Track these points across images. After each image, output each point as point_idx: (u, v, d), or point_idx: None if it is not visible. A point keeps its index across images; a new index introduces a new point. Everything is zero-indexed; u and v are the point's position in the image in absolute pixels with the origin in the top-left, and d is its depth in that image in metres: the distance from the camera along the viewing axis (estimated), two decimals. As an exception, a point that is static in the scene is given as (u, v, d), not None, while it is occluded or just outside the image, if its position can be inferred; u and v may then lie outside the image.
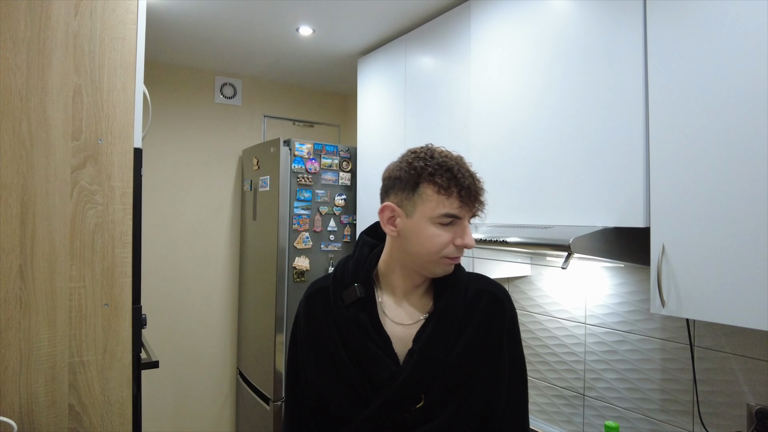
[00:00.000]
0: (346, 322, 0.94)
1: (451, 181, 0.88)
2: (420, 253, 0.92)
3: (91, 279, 1.30)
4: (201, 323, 3.10)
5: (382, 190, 0.97)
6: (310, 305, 1.01)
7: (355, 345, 0.92)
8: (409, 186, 0.90)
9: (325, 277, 1.05)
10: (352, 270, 0.98)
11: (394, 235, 0.94)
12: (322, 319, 0.97)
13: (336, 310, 0.96)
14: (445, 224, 0.89)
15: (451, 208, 0.88)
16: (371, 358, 0.91)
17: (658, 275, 1.26)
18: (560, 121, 1.55)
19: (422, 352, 0.91)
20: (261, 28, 2.41)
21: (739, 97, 1.13)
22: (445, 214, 0.88)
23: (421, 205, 0.89)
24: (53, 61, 1.26)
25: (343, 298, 0.96)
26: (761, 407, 1.34)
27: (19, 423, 1.20)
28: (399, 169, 0.93)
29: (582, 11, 1.49)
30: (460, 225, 0.91)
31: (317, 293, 1.01)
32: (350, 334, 0.93)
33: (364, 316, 0.94)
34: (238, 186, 3.23)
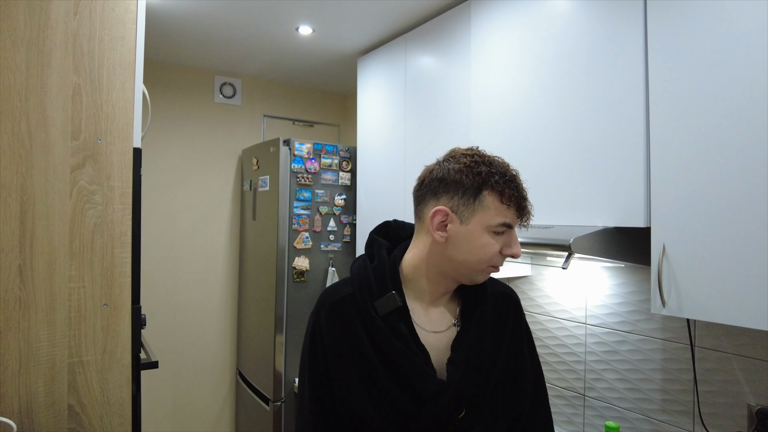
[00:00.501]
0: (383, 334, 0.87)
1: (514, 191, 0.87)
2: (469, 261, 0.88)
3: (91, 279, 1.30)
4: (200, 323, 3.10)
5: (429, 192, 0.90)
6: (335, 316, 0.91)
7: (397, 358, 0.86)
8: (471, 191, 0.86)
9: (341, 284, 0.96)
10: (377, 276, 0.91)
11: (442, 240, 0.88)
12: (350, 330, 0.89)
13: (370, 321, 0.88)
14: (499, 233, 0.87)
15: (508, 218, 0.87)
16: (416, 372, 0.85)
17: (659, 275, 1.26)
18: (561, 121, 1.55)
19: (468, 362, 0.88)
20: (261, 28, 2.41)
21: (739, 97, 1.12)
22: (503, 224, 0.86)
23: (481, 212, 0.86)
24: (52, 61, 1.26)
25: (375, 308, 0.88)
26: (762, 407, 1.33)
27: (18, 423, 1.20)
28: (459, 172, 0.87)
29: (582, 11, 1.49)
30: (510, 234, 0.89)
31: (342, 303, 0.92)
32: (390, 346, 0.86)
33: (402, 327, 0.88)
34: (237, 186, 3.23)
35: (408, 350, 0.86)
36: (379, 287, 0.90)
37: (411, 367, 0.85)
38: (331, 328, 0.91)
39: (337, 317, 0.91)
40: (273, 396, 2.59)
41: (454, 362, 0.88)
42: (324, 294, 0.96)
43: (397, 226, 1.02)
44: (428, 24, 2.17)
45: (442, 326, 0.93)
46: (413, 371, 0.85)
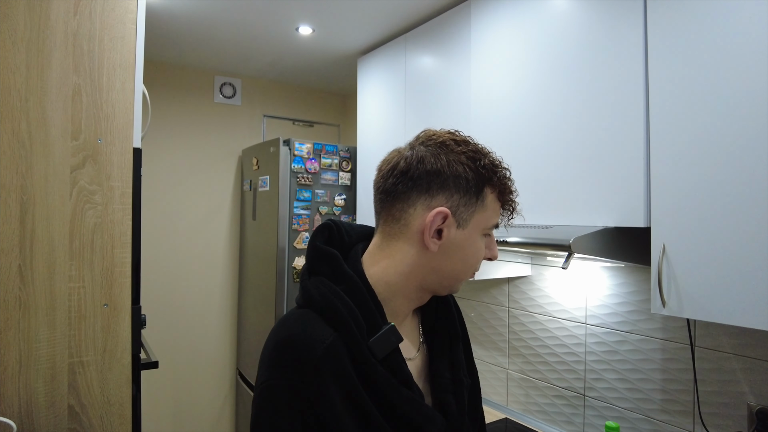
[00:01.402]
0: (389, 385, 0.67)
1: (512, 188, 0.76)
2: (458, 270, 0.74)
3: (91, 279, 1.30)
4: (200, 323, 3.10)
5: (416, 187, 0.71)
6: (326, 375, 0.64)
7: (408, 409, 0.68)
8: (474, 189, 0.72)
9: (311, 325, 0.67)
10: (357, 304, 0.69)
11: (435, 249, 0.71)
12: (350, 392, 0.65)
13: (370, 371, 0.66)
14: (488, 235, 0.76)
15: (499, 217, 0.76)
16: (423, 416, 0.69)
17: (659, 275, 1.26)
18: (561, 121, 1.55)
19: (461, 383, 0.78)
20: (260, 28, 2.41)
21: (739, 96, 1.12)
22: (496, 225, 0.76)
23: (481, 212, 0.73)
24: (52, 61, 1.26)
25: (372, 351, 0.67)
26: (762, 407, 1.33)
27: (18, 423, 1.20)
28: (460, 164, 0.71)
29: (582, 11, 1.49)
30: (491, 235, 0.78)
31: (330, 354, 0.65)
32: (399, 398, 0.67)
33: (406, 368, 0.70)
34: (237, 186, 3.23)
35: (413, 393, 0.69)
36: (366, 320, 0.68)
37: (419, 413, 0.69)
38: (326, 395, 0.63)
39: (329, 376, 0.64)
40: (273, 396, 2.59)
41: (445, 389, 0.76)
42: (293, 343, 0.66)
43: (340, 229, 0.79)
44: (428, 24, 2.17)
45: (413, 349, 0.79)
46: (421, 417, 0.69)
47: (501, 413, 2.08)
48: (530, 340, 2.01)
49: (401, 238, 0.73)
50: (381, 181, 0.75)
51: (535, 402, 2.00)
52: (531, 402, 2.02)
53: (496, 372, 2.17)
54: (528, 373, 2.03)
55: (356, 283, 0.70)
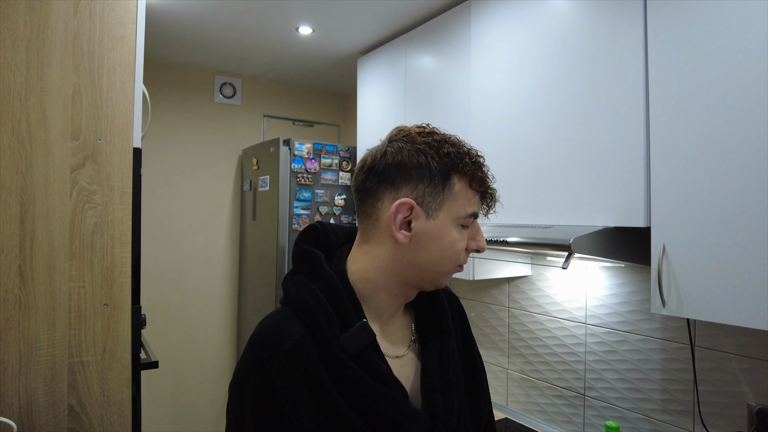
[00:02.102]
0: (359, 380, 0.67)
1: (484, 175, 0.74)
2: (436, 263, 0.73)
3: (91, 279, 1.30)
4: (201, 323, 3.10)
5: (382, 181, 0.72)
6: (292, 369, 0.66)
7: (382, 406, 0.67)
8: (438, 177, 0.71)
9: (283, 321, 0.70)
10: (332, 301, 0.70)
11: (406, 242, 0.71)
12: (317, 387, 0.66)
13: (339, 367, 0.67)
14: (465, 226, 0.74)
15: (476, 206, 0.74)
16: (402, 415, 0.68)
17: (659, 275, 1.26)
18: (561, 121, 1.55)
19: (450, 383, 0.75)
20: (260, 28, 2.41)
21: (739, 96, 1.12)
22: (472, 214, 0.73)
23: (450, 202, 0.71)
24: (52, 61, 1.26)
25: (343, 347, 0.68)
26: (762, 407, 1.33)
27: (18, 423, 1.20)
28: (421, 153, 0.71)
29: (582, 11, 1.49)
30: (474, 225, 0.76)
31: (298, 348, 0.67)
32: (371, 394, 0.67)
33: (382, 364, 0.70)
34: (237, 186, 3.23)
35: (390, 391, 0.68)
36: (340, 317, 0.69)
37: (397, 411, 0.68)
38: (289, 389, 0.65)
39: (295, 371, 0.66)
40: (273, 396, 2.59)
41: (433, 388, 0.74)
42: (263, 338, 0.69)
43: (327, 230, 0.81)
44: (428, 24, 2.17)
45: (403, 347, 0.78)
46: (400, 415, 0.68)
47: (501, 413, 2.08)
48: (530, 340, 2.01)
49: (376, 234, 0.74)
50: (354, 180, 0.77)
51: (535, 402, 2.00)
52: (531, 402, 2.02)
53: (496, 372, 2.17)
54: (528, 373, 2.03)
55: (333, 281, 0.72)
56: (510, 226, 1.64)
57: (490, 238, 1.53)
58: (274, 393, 0.66)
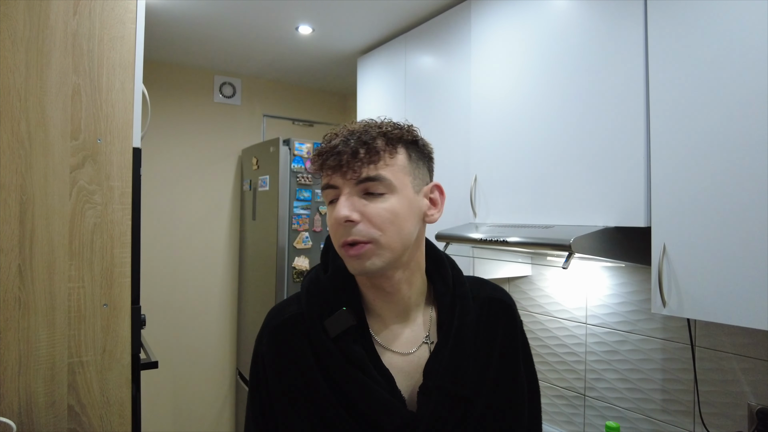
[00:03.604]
0: (334, 360, 0.71)
1: (321, 148, 0.75)
2: None
3: (90, 279, 1.30)
4: (200, 323, 3.09)
5: None
6: (278, 341, 0.76)
7: (351, 387, 0.71)
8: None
9: (288, 302, 0.80)
10: (331, 288, 0.76)
11: None
12: (297, 359, 0.74)
13: (319, 345, 0.73)
14: (331, 201, 0.74)
15: (324, 178, 0.74)
16: (376, 403, 0.70)
17: (659, 275, 1.26)
18: (561, 121, 1.55)
19: (443, 390, 0.72)
20: (260, 28, 2.41)
21: (739, 96, 1.12)
22: (323, 187, 0.74)
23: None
24: (52, 61, 1.26)
25: (326, 328, 0.73)
26: (762, 407, 1.33)
27: (18, 423, 1.20)
28: None
29: (583, 10, 1.49)
30: (334, 202, 0.73)
31: (286, 325, 0.76)
32: (342, 374, 0.71)
33: (357, 350, 0.72)
34: (237, 186, 3.23)
35: (366, 377, 0.70)
36: (334, 302, 0.75)
37: (370, 399, 0.70)
38: (274, 357, 0.75)
39: (282, 343, 0.75)
40: (273, 396, 2.59)
41: (426, 391, 0.72)
42: (268, 315, 0.80)
43: None
44: (428, 23, 2.17)
45: (411, 345, 0.77)
46: (371, 402, 0.70)
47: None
48: (531, 339, 2.00)
49: None
50: None
51: (536, 402, 2.00)
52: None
53: (496, 372, 2.16)
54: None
55: (337, 271, 0.77)
56: (510, 226, 1.64)
57: (489, 237, 1.53)
58: (264, 362, 0.77)
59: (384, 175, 0.71)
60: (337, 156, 0.71)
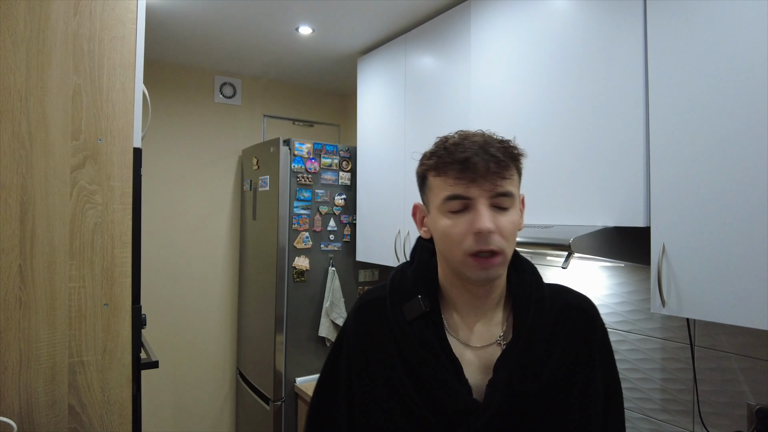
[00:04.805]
0: (408, 341, 0.80)
1: (444, 157, 0.77)
2: (446, 251, 0.79)
3: (91, 279, 1.30)
4: (201, 323, 3.10)
5: None
6: (362, 319, 0.88)
7: (422, 368, 0.77)
8: (420, 177, 0.84)
9: (380, 287, 0.91)
10: (412, 279, 0.86)
11: (428, 236, 0.85)
12: (377, 336, 0.84)
13: (396, 326, 0.82)
14: (456, 211, 0.76)
15: (453, 189, 0.75)
16: (442, 386, 0.76)
17: (659, 275, 1.26)
18: (561, 121, 1.55)
19: (510, 386, 0.75)
20: (260, 28, 2.41)
21: (739, 96, 1.12)
22: (448, 197, 0.76)
23: (430, 195, 0.81)
24: (52, 61, 1.26)
25: (403, 312, 0.82)
26: (762, 407, 1.33)
27: (18, 423, 1.20)
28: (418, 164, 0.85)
29: (582, 11, 1.49)
30: (473, 209, 0.75)
31: (370, 305, 0.88)
32: (415, 355, 0.79)
33: (430, 335, 0.79)
34: (237, 186, 3.23)
35: (435, 361, 0.77)
36: (413, 291, 0.84)
37: (435, 380, 0.76)
38: (356, 331, 0.87)
39: (366, 321, 0.87)
40: (273, 396, 2.59)
41: (493, 384, 0.76)
42: (358, 298, 0.94)
43: None
44: (428, 24, 2.17)
45: (484, 341, 0.82)
46: (438, 384, 0.76)
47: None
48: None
49: None
50: None
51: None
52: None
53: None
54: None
55: (420, 265, 0.87)
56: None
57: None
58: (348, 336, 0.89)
59: (512, 191, 0.78)
60: (473, 168, 0.74)
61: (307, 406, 2.46)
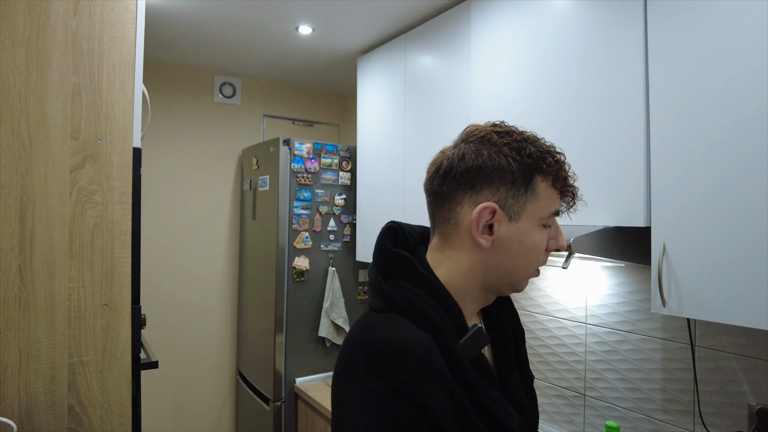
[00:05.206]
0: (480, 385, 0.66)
1: (565, 171, 0.73)
2: (518, 266, 0.72)
3: (91, 279, 1.30)
4: (200, 323, 3.09)
5: (462, 185, 0.71)
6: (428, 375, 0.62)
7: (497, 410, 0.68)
8: (522, 179, 0.70)
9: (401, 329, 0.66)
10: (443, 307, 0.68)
11: (489, 246, 0.70)
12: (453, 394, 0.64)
13: (462, 372, 0.65)
14: (547, 226, 0.73)
15: (558, 205, 0.73)
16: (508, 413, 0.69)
17: (659, 275, 1.26)
18: (561, 121, 1.55)
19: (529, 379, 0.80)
20: (260, 27, 2.41)
21: (739, 96, 1.12)
22: (554, 213, 0.73)
23: (533, 203, 0.70)
24: (52, 61, 1.26)
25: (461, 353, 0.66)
26: (762, 407, 1.33)
27: (18, 423, 1.20)
28: (502, 155, 0.70)
29: (583, 10, 1.49)
30: (554, 225, 0.75)
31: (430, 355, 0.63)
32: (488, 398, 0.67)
33: (493, 370, 0.70)
34: (237, 186, 3.23)
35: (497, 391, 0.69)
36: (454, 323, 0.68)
37: (505, 414, 0.68)
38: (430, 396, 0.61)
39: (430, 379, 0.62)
40: (273, 396, 2.59)
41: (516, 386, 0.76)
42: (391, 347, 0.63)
43: (404, 232, 0.78)
44: (428, 23, 2.17)
45: None
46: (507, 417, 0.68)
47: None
48: (530, 339, 2.00)
49: (455, 239, 0.73)
50: (428, 183, 0.75)
51: (535, 402, 2.00)
52: (531, 402, 2.02)
53: (496, 372, 2.16)
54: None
55: (436, 285, 0.69)
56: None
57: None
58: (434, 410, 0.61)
59: None
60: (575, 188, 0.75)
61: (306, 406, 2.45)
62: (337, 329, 2.69)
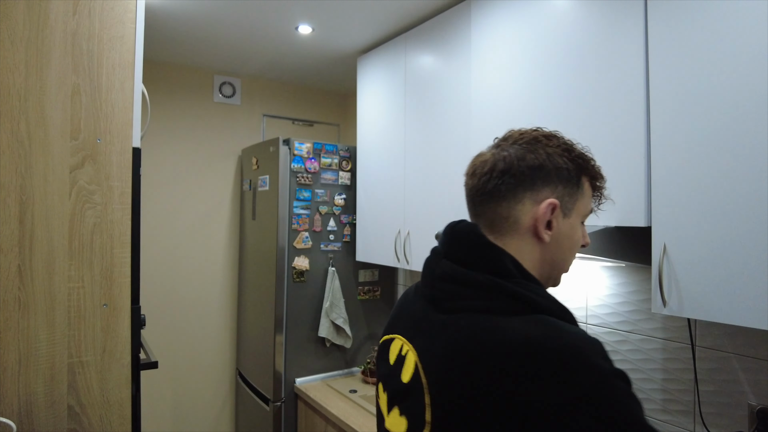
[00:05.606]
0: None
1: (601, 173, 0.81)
2: (566, 260, 0.78)
3: (90, 279, 1.29)
4: (200, 323, 3.09)
5: (521, 183, 0.74)
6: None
7: None
8: (574, 178, 0.76)
9: (567, 326, 0.67)
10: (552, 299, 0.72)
11: (549, 240, 0.75)
12: None
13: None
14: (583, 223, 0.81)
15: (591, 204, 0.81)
16: None
17: (660, 275, 1.26)
18: (561, 121, 1.54)
19: None
20: (260, 27, 2.41)
21: (740, 96, 1.12)
22: (591, 210, 0.81)
23: (581, 201, 0.77)
24: (51, 61, 1.26)
25: None
26: (762, 407, 1.33)
27: (18, 423, 1.20)
28: (557, 156, 0.75)
29: (583, 10, 1.49)
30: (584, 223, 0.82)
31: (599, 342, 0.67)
32: None
33: None
34: (237, 185, 3.23)
35: None
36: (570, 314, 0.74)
37: None
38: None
39: None
40: (273, 396, 2.59)
41: None
42: (584, 343, 0.63)
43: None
44: (428, 23, 2.17)
45: None
46: None
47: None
48: (530, 339, 2.00)
49: (514, 236, 0.75)
50: (480, 184, 0.77)
51: (536, 402, 2.00)
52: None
53: (497, 372, 2.16)
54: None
55: (540, 283, 0.74)
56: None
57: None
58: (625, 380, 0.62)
59: None
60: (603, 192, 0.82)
61: (306, 406, 2.44)
62: (337, 329, 2.69)
